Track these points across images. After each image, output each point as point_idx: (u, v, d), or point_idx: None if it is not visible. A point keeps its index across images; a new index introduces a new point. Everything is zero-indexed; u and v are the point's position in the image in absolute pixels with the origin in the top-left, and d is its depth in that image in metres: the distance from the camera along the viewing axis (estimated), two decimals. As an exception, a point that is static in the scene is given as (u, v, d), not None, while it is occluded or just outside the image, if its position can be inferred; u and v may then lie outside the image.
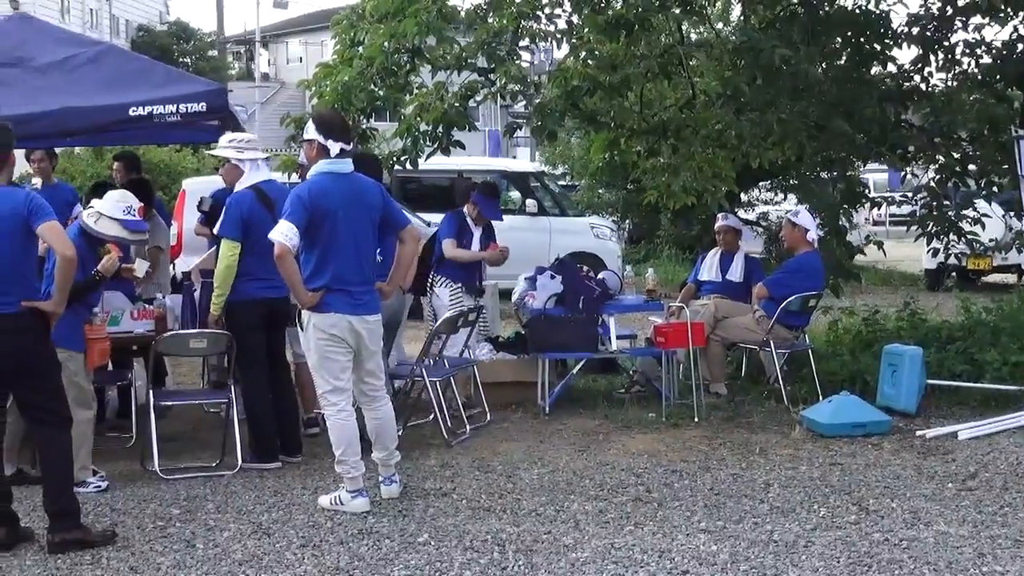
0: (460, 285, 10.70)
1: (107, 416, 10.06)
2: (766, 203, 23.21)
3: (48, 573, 6.67)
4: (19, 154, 10.05)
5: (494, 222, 10.98)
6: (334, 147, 7.72)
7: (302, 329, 7.78)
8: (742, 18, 12.83)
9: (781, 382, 10.80)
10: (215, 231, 9.06)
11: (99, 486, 8.27)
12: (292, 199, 7.64)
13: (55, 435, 7.12)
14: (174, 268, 13.04)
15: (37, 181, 10.72)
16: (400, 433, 9.28)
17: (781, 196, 18.65)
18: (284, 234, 7.49)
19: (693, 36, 12.77)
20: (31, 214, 6.85)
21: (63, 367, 8.03)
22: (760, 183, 16.53)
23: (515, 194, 22.13)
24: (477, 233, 10.85)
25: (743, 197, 15.44)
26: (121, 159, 11.47)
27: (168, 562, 6.79)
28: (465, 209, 10.82)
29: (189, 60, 51.53)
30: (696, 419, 10.14)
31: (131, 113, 9.17)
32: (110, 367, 9.62)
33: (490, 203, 10.83)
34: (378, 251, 8.21)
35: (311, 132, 7.82)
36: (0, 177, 7.02)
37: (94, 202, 8.43)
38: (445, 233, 10.78)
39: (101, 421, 9.27)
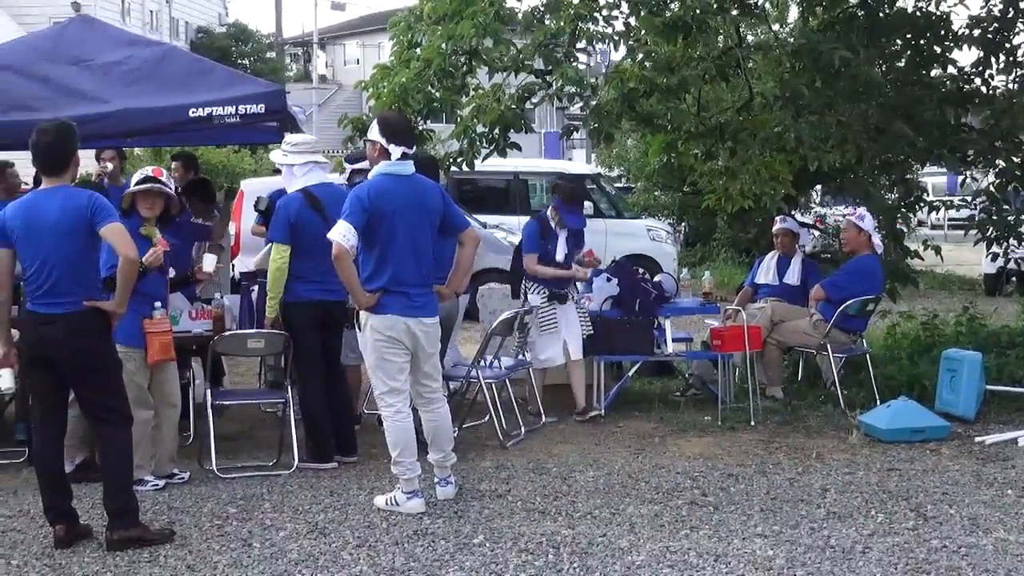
0: (547, 291, 10.55)
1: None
2: (824, 206, 23.12)
3: (107, 570, 6.73)
4: (88, 153, 10.19)
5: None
6: (395, 151, 7.74)
7: (359, 330, 7.81)
8: (800, 20, 12.75)
9: (838, 386, 10.73)
10: (268, 236, 9.13)
11: (156, 484, 8.33)
12: (351, 199, 7.66)
13: (115, 433, 7.19)
14: (233, 268, 13.11)
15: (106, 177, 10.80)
16: (455, 434, 9.31)
17: (840, 199, 18.56)
18: (342, 234, 7.51)
19: (751, 38, 12.69)
20: (94, 215, 6.91)
21: (122, 365, 8.12)
22: (818, 186, 16.44)
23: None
24: (562, 236, 10.53)
25: (801, 200, 15.35)
26: (180, 159, 11.57)
27: (225, 560, 6.83)
28: (548, 212, 10.72)
29: (247, 62, 51.79)
30: (752, 423, 10.10)
31: (191, 114, 9.25)
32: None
33: (570, 211, 10.54)
34: None
35: (374, 133, 7.84)
36: (64, 177, 7.08)
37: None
38: (526, 247, 10.59)
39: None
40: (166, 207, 8.48)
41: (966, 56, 12.16)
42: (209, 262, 9.07)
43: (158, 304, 8.32)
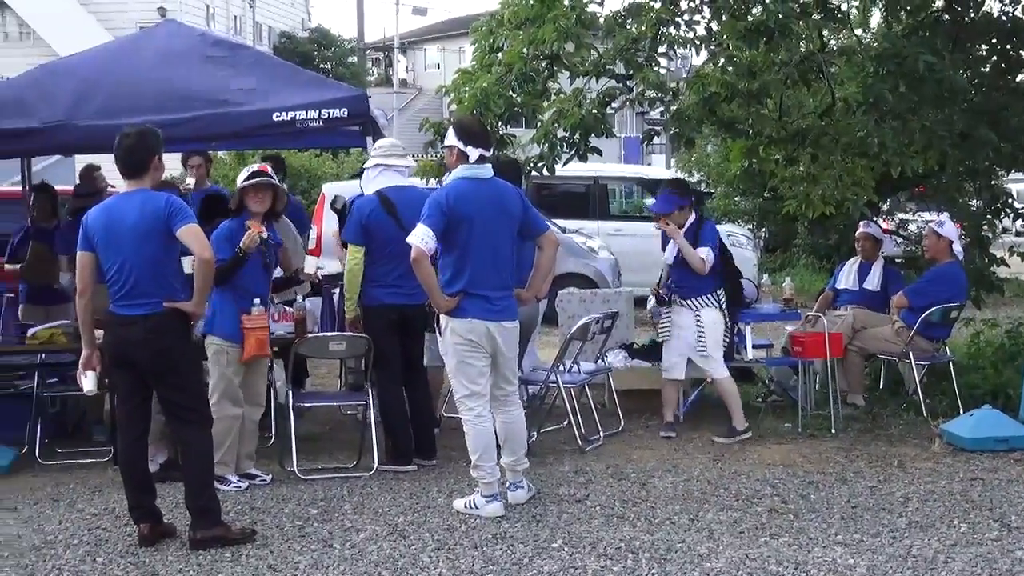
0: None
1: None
2: (907, 212, 22.85)
3: (190, 569, 6.81)
4: (175, 157, 10.32)
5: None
6: (473, 153, 7.78)
7: (440, 334, 7.83)
8: (884, 24, 12.63)
9: (921, 394, 10.63)
10: (341, 236, 9.22)
11: (239, 485, 8.43)
12: (430, 203, 7.69)
13: (196, 433, 7.28)
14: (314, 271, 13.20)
15: (191, 182, 10.94)
16: (534, 439, 9.35)
17: (923, 205, 18.36)
18: (420, 238, 7.54)
19: (833, 43, 12.58)
20: (171, 217, 7.00)
21: (214, 360, 8.25)
22: (901, 192, 16.27)
23: (651, 201, 22.03)
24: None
25: (883, 206, 15.18)
26: (269, 161, 11.67)
27: (306, 561, 6.89)
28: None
29: (329, 66, 52.16)
30: (833, 430, 10.03)
31: (275, 118, 9.33)
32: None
33: (659, 196, 10.50)
34: None
35: (451, 138, 7.87)
36: (143, 180, 7.17)
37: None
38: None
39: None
40: (272, 204, 8.60)
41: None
42: (311, 265, 9.15)
43: (257, 300, 8.43)
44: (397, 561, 6.87)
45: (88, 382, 7.37)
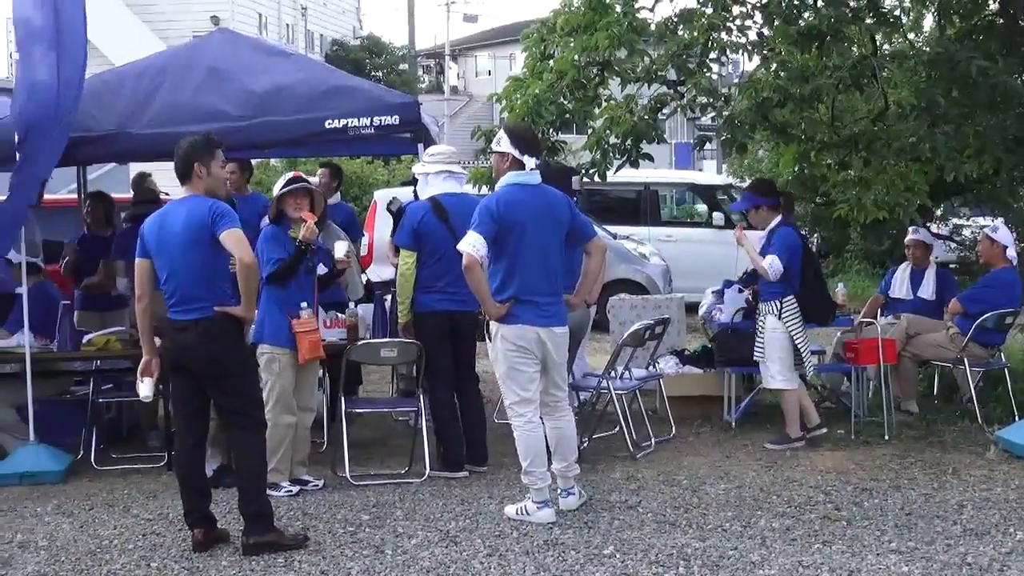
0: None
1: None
2: (961, 217, 22.68)
3: (243, 574, 6.85)
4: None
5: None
6: (529, 161, 7.80)
7: (490, 340, 7.84)
8: (936, 28, 12.55)
9: (975, 401, 10.54)
10: (393, 240, 9.25)
11: (290, 491, 8.46)
12: (481, 210, 7.70)
13: (250, 439, 7.32)
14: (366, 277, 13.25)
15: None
16: (585, 445, 9.35)
17: (977, 211, 18.19)
18: (472, 245, 7.55)
19: (886, 47, 12.51)
20: (214, 222, 7.05)
21: (267, 367, 8.30)
22: (954, 197, 16.15)
23: (702, 207, 22.00)
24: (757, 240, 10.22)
25: (936, 211, 15.07)
26: (327, 167, 11.73)
27: (358, 567, 6.91)
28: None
29: (380, 73, 52.38)
30: (886, 437, 9.96)
31: (327, 125, 9.37)
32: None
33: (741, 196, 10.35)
34: None
35: (504, 145, 7.86)
36: (194, 186, 7.23)
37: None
38: None
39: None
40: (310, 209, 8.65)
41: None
42: (340, 248, 9.14)
43: (304, 304, 8.48)
44: (449, 567, 6.89)
45: (144, 388, 7.43)
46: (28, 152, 8.90)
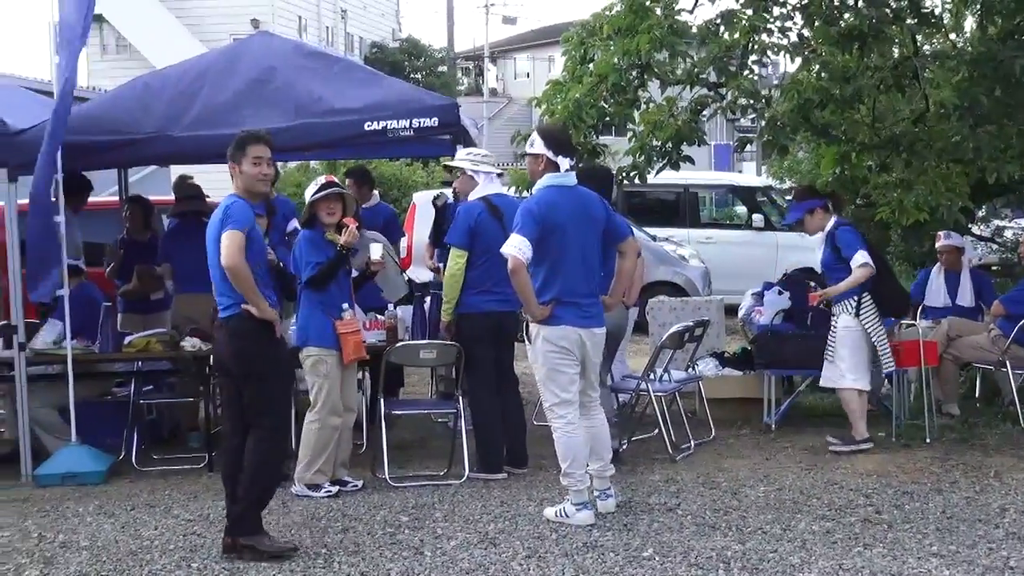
0: None
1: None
2: (1003, 218, 22.53)
3: (283, 574, 6.87)
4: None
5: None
6: (564, 163, 7.80)
7: (530, 342, 7.84)
8: (978, 29, 12.46)
9: (1018, 403, 10.46)
10: (445, 239, 9.23)
11: (329, 491, 8.48)
12: (523, 213, 7.70)
13: (258, 442, 7.21)
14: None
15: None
16: (625, 447, 9.34)
17: (1020, 212, 18.09)
18: (517, 247, 7.55)
19: (926, 47, 12.44)
20: (222, 221, 7.08)
21: (313, 369, 8.33)
22: (996, 198, 16.05)
23: (741, 209, 21.94)
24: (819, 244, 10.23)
25: (978, 213, 14.97)
26: (353, 175, 11.72)
27: (397, 568, 6.92)
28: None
29: (420, 76, 52.46)
30: (928, 440, 9.90)
31: (366, 127, 9.39)
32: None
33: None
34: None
35: (538, 146, 7.85)
36: (234, 186, 7.26)
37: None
38: None
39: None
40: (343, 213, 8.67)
41: None
42: (376, 251, 9.14)
43: (345, 305, 8.53)
44: (488, 569, 6.89)
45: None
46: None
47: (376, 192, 11.87)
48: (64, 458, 9.34)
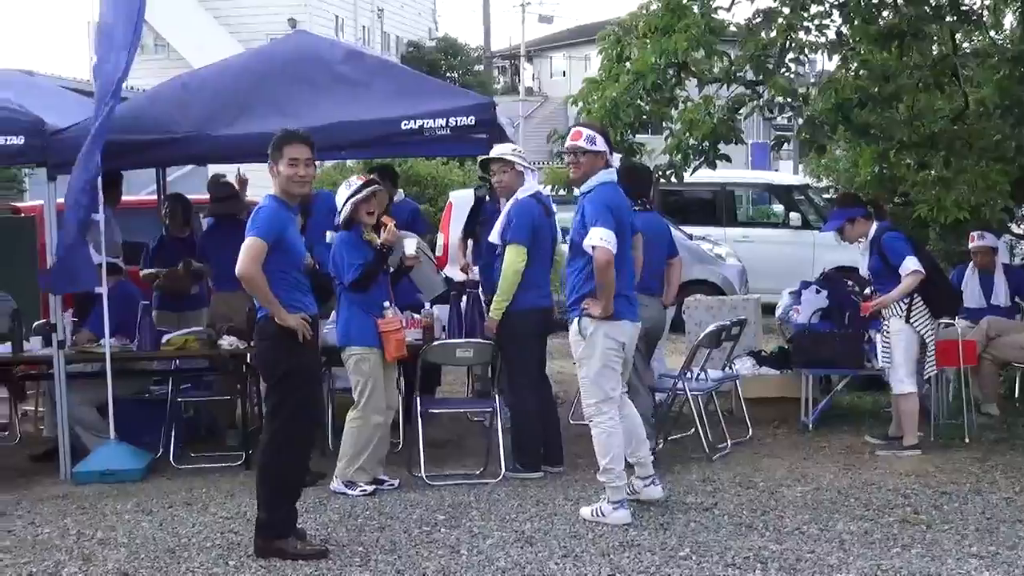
0: None
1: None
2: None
3: (319, 572, 6.88)
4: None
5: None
6: (614, 160, 7.96)
7: (583, 338, 7.83)
8: (1019, 26, 12.38)
9: (1058, 403, 10.40)
10: (507, 237, 9.17)
11: (365, 490, 8.49)
12: (599, 206, 7.68)
13: (265, 446, 7.23)
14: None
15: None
16: (661, 446, 9.32)
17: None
18: (607, 240, 7.56)
19: (966, 45, 12.36)
20: (248, 227, 7.06)
21: (357, 369, 8.34)
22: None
23: (778, 207, 21.86)
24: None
25: (1020, 211, 14.86)
26: (378, 173, 11.72)
27: (433, 567, 6.93)
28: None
29: (456, 75, 52.48)
30: (966, 440, 9.84)
31: (403, 127, 9.39)
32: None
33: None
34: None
35: (600, 144, 7.86)
36: (273, 187, 7.23)
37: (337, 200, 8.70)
38: None
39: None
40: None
41: None
42: (410, 246, 9.13)
43: (386, 303, 8.54)
44: (524, 568, 6.88)
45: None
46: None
47: (400, 189, 11.89)
48: (103, 456, 9.39)
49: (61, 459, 9.43)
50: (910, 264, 9.33)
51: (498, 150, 9.16)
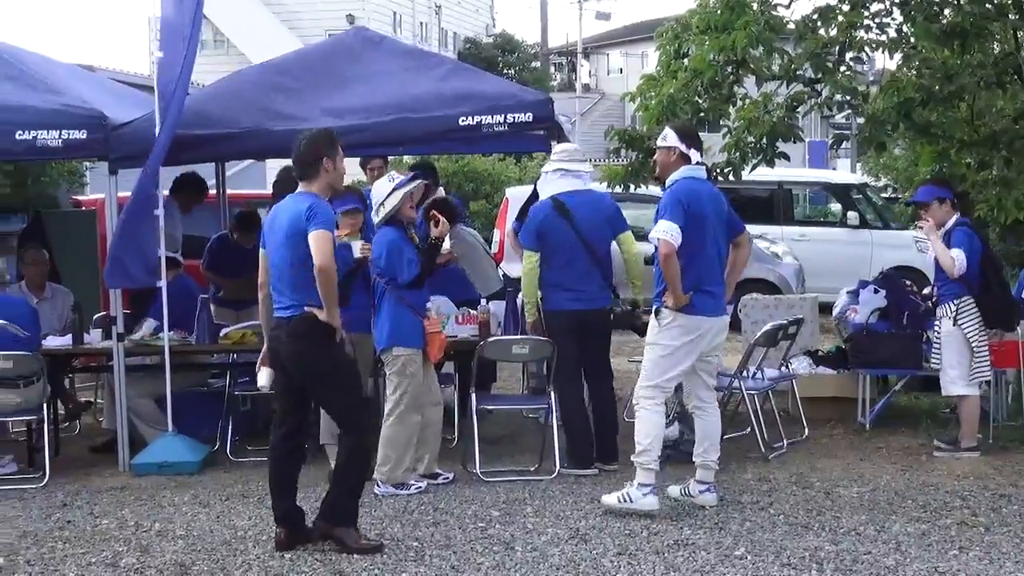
0: None
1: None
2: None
3: (375, 567, 6.91)
4: (352, 161, 10.48)
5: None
6: (695, 155, 7.95)
7: (659, 325, 7.85)
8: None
9: (1119, 406, 10.27)
10: (519, 239, 9.27)
11: (420, 486, 8.51)
12: (671, 201, 7.77)
13: (346, 439, 7.30)
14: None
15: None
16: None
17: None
18: (669, 233, 7.63)
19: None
20: (308, 220, 7.00)
21: (401, 371, 8.33)
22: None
23: (836, 206, 21.72)
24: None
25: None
26: (420, 169, 11.71)
27: (488, 563, 6.94)
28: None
29: (513, 71, 52.52)
30: (1026, 442, 9.76)
31: (461, 123, 9.42)
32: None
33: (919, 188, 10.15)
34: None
35: (672, 140, 7.95)
36: (315, 183, 7.21)
37: (373, 195, 8.68)
38: None
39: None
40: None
41: None
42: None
43: (428, 303, 8.57)
44: (579, 565, 6.88)
45: (262, 377, 7.48)
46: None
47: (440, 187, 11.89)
48: (160, 448, 9.47)
49: (120, 451, 9.53)
50: (954, 253, 9.28)
51: (557, 148, 9.20)
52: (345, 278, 7.84)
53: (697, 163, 7.97)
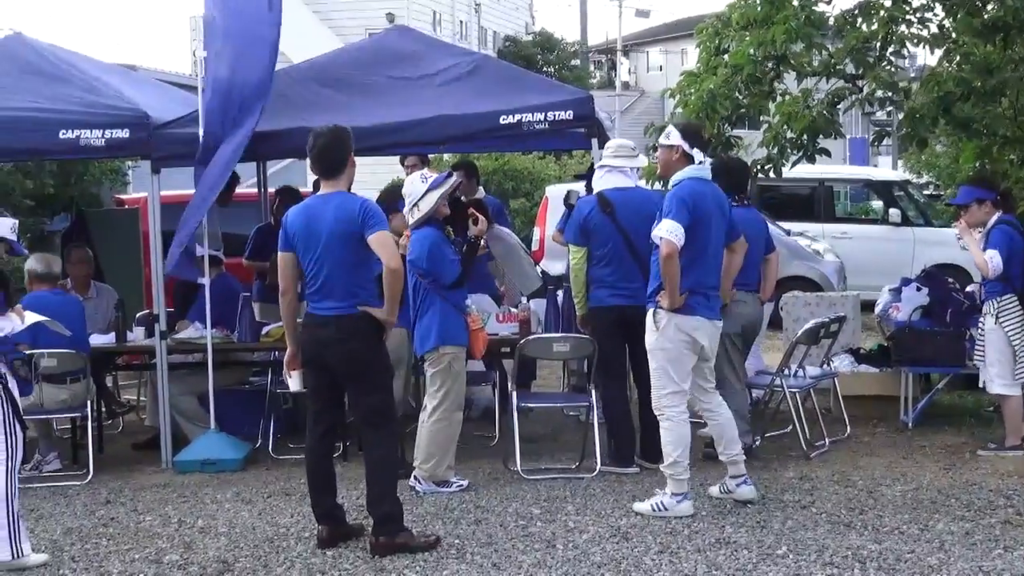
0: None
1: (473, 416, 10.37)
2: None
3: (416, 565, 6.92)
4: (392, 159, 10.52)
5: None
6: (699, 155, 7.87)
7: (657, 329, 7.82)
8: None
9: None
10: (564, 236, 9.29)
11: (461, 485, 8.52)
12: (676, 200, 7.70)
13: (382, 439, 7.28)
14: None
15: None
16: (759, 443, 9.27)
17: None
18: (671, 232, 7.56)
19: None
20: (364, 222, 7.00)
21: (447, 369, 8.33)
22: None
23: (877, 203, 21.62)
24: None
25: None
26: (461, 168, 11.71)
27: (529, 560, 6.94)
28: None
29: (552, 69, 52.45)
30: (1072, 440, 9.66)
31: (501, 121, 9.43)
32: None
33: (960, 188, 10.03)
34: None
35: (674, 138, 7.89)
36: (340, 181, 7.22)
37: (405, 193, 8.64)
38: None
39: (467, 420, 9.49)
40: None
41: None
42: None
43: (468, 301, 8.58)
44: (620, 563, 6.87)
45: (294, 382, 7.50)
46: (204, 148, 9.19)
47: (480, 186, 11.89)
48: (203, 445, 9.53)
49: (163, 448, 9.60)
50: (989, 252, 9.20)
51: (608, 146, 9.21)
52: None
53: (700, 163, 7.88)
